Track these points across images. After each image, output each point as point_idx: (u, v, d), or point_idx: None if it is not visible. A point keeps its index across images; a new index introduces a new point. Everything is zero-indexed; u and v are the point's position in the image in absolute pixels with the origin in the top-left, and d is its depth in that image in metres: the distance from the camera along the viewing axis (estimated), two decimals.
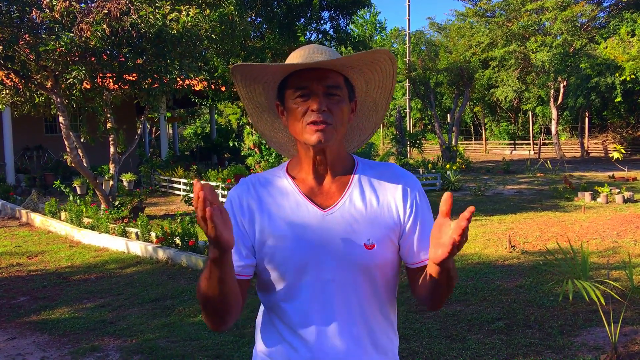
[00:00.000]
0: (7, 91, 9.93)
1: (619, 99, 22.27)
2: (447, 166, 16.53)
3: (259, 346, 1.47)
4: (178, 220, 7.98)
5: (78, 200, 10.14)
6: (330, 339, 1.36)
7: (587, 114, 27.93)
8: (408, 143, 21.18)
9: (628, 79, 20.79)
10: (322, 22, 17.78)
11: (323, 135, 1.33)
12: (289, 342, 1.38)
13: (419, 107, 33.10)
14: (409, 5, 28.41)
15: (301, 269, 1.35)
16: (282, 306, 1.38)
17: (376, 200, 1.41)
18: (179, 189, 14.74)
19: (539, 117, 31.62)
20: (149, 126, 24.89)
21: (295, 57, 1.39)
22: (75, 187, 13.82)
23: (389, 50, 1.38)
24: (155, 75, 9.00)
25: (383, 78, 1.45)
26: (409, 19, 28.49)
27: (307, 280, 1.36)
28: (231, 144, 13.94)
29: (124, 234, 8.44)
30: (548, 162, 19.78)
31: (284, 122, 1.43)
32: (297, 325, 1.37)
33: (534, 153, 29.17)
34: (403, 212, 1.41)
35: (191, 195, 10.00)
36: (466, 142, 35.50)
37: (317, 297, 1.36)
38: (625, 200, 11.30)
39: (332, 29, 18.07)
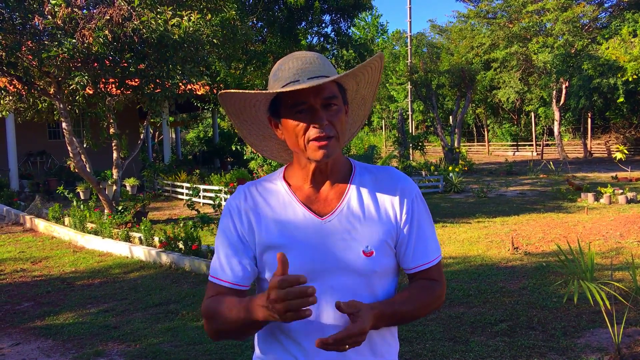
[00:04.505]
0: (10, 97, 9.97)
1: (621, 99, 22.26)
2: (450, 168, 16.53)
3: (258, 353, 1.48)
4: (181, 224, 7.99)
5: (81, 206, 10.17)
6: None
7: (589, 114, 27.90)
8: (410, 145, 21.17)
9: (630, 79, 20.78)
10: (323, 25, 17.85)
11: (327, 150, 1.32)
12: (287, 349, 1.38)
13: (421, 109, 33.09)
14: (410, 7, 28.44)
15: None
16: None
17: (374, 206, 1.40)
18: (182, 194, 14.76)
19: (541, 118, 31.59)
20: (151, 131, 24.96)
21: (286, 71, 1.34)
22: (78, 192, 13.85)
23: (381, 53, 1.40)
24: (157, 80, 9.03)
25: (372, 74, 1.45)
26: (410, 22, 28.50)
27: None
28: (234, 148, 13.96)
29: (128, 238, 8.46)
30: (551, 163, 19.75)
31: (279, 135, 1.42)
32: (296, 333, 1.37)
33: (537, 154, 29.13)
34: (400, 217, 1.41)
35: (194, 199, 10.00)
36: (469, 143, 35.47)
37: (316, 305, 1.34)
38: (629, 201, 11.28)
39: (333, 32, 18.11)
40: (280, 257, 1.17)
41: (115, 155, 10.46)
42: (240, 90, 1.36)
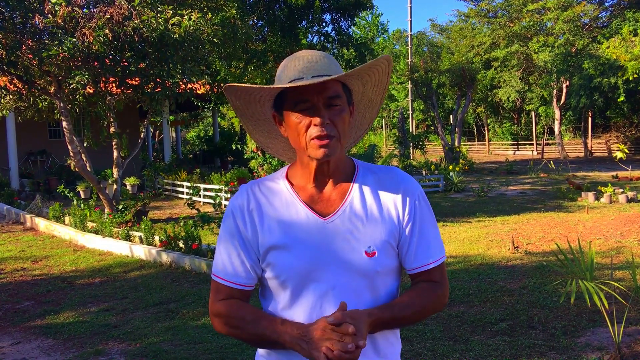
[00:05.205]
0: (11, 96, 9.98)
1: (621, 98, 22.25)
2: (450, 167, 16.52)
3: (261, 352, 1.48)
4: (181, 223, 7.99)
5: (82, 205, 10.17)
6: None
7: (590, 113, 27.88)
8: (411, 144, 21.18)
9: (631, 78, 20.77)
10: (323, 24, 17.80)
11: (328, 149, 1.32)
12: (291, 350, 1.36)
13: (421, 108, 33.06)
14: (410, 7, 28.42)
15: (302, 277, 1.35)
16: (284, 314, 1.38)
17: (377, 207, 1.40)
18: (182, 193, 14.76)
19: (542, 118, 31.58)
20: (152, 130, 24.96)
21: (291, 69, 1.34)
22: (79, 191, 13.87)
23: (388, 55, 1.39)
24: (157, 79, 9.03)
25: (379, 76, 1.44)
26: (410, 21, 28.47)
27: (308, 289, 1.36)
28: (234, 147, 13.97)
29: (128, 237, 8.46)
30: (551, 162, 19.74)
31: (282, 133, 1.42)
32: None
33: (537, 153, 29.11)
34: (402, 217, 1.41)
35: (194, 198, 10.01)
36: (469, 143, 35.44)
37: (318, 305, 1.36)
38: (629, 200, 11.27)
39: (334, 32, 18.09)
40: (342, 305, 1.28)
41: (115, 154, 10.47)
42: (246, 85, 1.36)
